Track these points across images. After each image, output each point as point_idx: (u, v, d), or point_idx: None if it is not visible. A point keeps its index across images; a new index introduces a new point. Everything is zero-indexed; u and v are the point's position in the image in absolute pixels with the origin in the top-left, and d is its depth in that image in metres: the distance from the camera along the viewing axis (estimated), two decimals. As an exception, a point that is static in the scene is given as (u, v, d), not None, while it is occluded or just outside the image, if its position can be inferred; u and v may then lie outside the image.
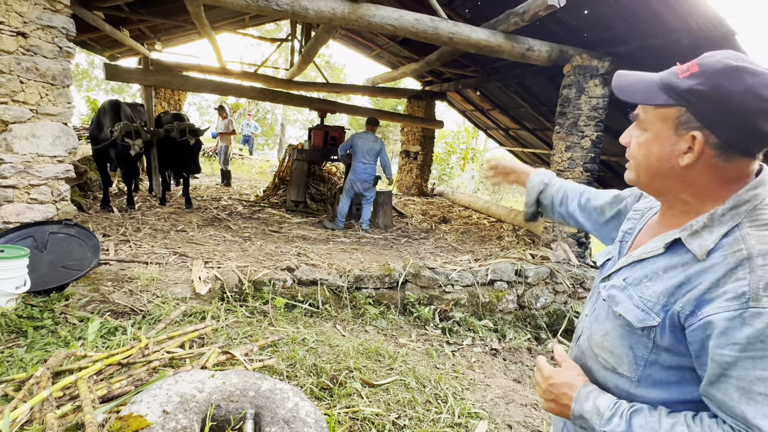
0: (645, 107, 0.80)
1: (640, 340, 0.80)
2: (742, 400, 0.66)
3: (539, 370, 0.93)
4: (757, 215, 0.72)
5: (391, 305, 3.82)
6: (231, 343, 2.65)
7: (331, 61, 20.46)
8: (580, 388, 0.85)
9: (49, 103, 3.39)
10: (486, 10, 5.69)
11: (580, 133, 4.96)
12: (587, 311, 0.99)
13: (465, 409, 2.46)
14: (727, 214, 0.73)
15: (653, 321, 0.76)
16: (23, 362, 2.15)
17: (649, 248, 0.84)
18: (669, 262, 0.79)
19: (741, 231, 0.71)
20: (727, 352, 0.66)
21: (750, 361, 0.65)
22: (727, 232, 0.72)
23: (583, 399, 0.83)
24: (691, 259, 0.75)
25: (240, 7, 3.84)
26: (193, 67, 8.58)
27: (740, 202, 0.73)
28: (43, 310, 2.70)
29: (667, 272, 0.78)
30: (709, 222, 0.74)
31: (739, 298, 0.66)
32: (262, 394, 1.69)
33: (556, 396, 0.88)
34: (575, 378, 0.88)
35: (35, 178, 3.38)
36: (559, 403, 0.87)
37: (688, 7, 3.72)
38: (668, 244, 0.80)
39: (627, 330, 0.82)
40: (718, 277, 0.69)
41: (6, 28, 3.15)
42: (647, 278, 0.81)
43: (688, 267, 0.75)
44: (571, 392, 0.86)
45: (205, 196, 7.29)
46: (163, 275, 3.32)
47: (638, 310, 0.79)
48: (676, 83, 0.74)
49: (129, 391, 1.94)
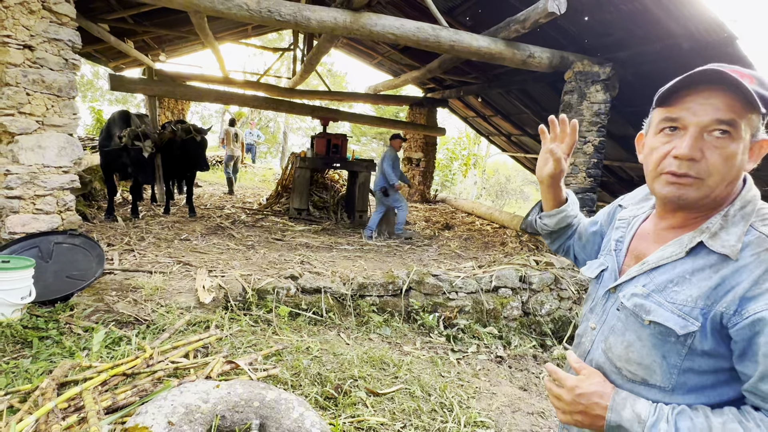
0: (743, 116, 0.73)
1: (674, 347, 0.78)
2: None
3: (559, 381, 0.85)
4: (765, 214, 0.76)
5: (395, 313, 3.81)
6: (235, 352, 2.64)
7: (333, 69, 20.61)
8: (613, 395, 0.80)
9: (55, 114, 3.43)
10: (487, 18, 5.73)
11: (583, 139, 4.96)
12: (593, 324, 0.95)
13: (471, 417, 2.44)
14: (737, 215, 0.77)
15: (694, 326, 0.75)
16: (28, 373, 2.16)
17: (667, 254, 0.83)
18: (694, 266, 0.78)
19: (759, 230, 0.74)
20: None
21: None
22: (745, 231, 0.74)
23: (620, 407, 0.77)
24: (718, 260, 0.76)
25: (243, 18, 3.89)
26: (197, 76, 8.66)
27: (745, 203, 0.78)
28: (48, 320, 2.70)
29: (695, 275, 0.78)
30: (724, 223, 0.77)
31: None
32: (267, 404, 1.69)
33: (585, 407, 0.80)
34: (604, 385, 0.82)
35: (41, 188, 3.40)
36: (590, 415, 0.80)
37: (688, 12, 3.74)
38: (690, 248, 0.80)
39: (659, 339, 0.79)
40: (758, 275, 0.70)
41: (13, 42, 3.20)
42: (673, 283, 0.80)
43: (719, 268, 0.75)
44: (604, 401, 0.79)
45: (209, 205, 7.32)
46: (167, 284, 3.33)
47: (676, 317, 0.77)
48: (762, 92, 0.73)
49: (134, 401, 1.93)
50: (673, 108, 0.79)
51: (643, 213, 0.97)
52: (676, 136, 0.78)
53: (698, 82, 0.75)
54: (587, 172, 5.00)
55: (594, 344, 0.93)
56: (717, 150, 0.74)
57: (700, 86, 0.76)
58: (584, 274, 1.06)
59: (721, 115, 0.73)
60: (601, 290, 0.96)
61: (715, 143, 0.75)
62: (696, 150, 0.75)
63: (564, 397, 0.83)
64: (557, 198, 1.15)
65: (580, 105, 4.93)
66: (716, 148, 0.75)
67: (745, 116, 0.73)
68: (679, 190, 0.78)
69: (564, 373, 0.86)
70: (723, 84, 0.73)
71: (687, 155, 0.75)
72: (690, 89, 0.77)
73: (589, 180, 5.02)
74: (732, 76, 0.71)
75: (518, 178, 19.06)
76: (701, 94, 0.75)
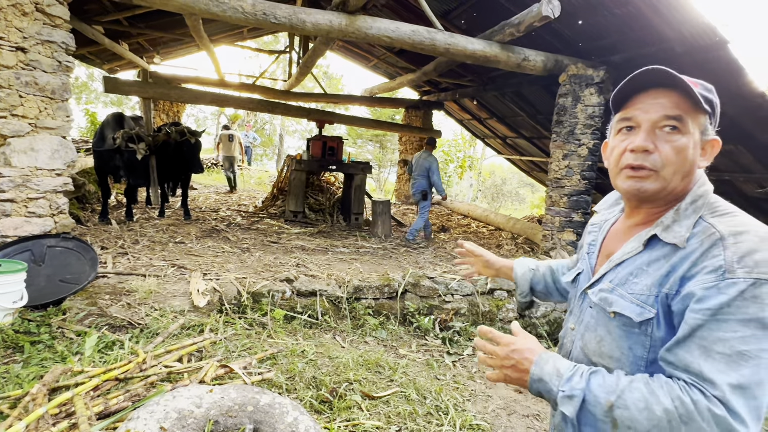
0: (689, 113, 0.82)
1: (638, 338, 0.82)
2: (702, 356, 0.72)
3: (495, 339, 0.91)
4: (714, 207, 0.83)
5: (390, 315, 3.80)
6: (230, 356, 2.62)
7: (328, 71, 20.62)
8: (541, 352, 0.87)
9: (48, 116, 3.40)
10: (482, 22, 5.76)
11: (577, 141, 4.99)
12: (572, 324, 1.01)
13: (466, 420, 2.43)
14: (689, 209, 0.84)
15: (650, 313, 0.80)
16: (19, 378, 2.13)
17: (628, 249, 0.89)
18: (650, 257, 0.85)
19: (707, 221, 0.81)
20: (699, 316, 0.73)
21: (715, 323, 0.71)
22: (694, 223, 0.82)
23: (543, 362, 0.84)
24: (670, 250, 0.82)
25: (238, 20, 3.89)
26: (192, 79, 8.64)
27: (696, 197, 0.84)
28: (40, 324, 2.68)
29: (650, 266, 0.84)
30: (676, 216, 0.84)
31: (716, 270, 0.73)
32: (261, 408, 1.67)
33: (516, 362, 0.87)
34: (537, 344, 0.89)
35: (33, 191, 3.37)
36: (518, 369, 0.86)
37: (681, 16, 3.78)
38: (646, 241, 0.86)
39: (624, 330, 0.84)
40: (697, 257, 0.77)
41: (5, 43, 3.17)
42: (632, 275, 0.86)
43: (670, 257, 0.81)
44: (532, 356, 0.86)
45: (204, 208, 7.28)
46: (162, 288, 3.30)
47: (634, 306, 0.83)
48: (706, 94, 0.83)
49: (126, 407, 1.91)
50: (627, 109, 0.88)
51: (613, 216, 1.04)
52: (632, 134, 0.87)
53: (647, 83, 0.84)
54: (581, 175, 5.02)
55: (574, 344, 0.98)
56: (668, 143, 0.82)
57: (649, 87, 0.84)
58: (562, 281, 1.12)
59: (669, 111, 0.82)
60: (577, 292, 1.02)
61: (666, 137, 0.83)
62: (649, 142, 0.83)
63: (498, 352, 0.89)
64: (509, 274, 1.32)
65: (574, 108, 4.95)
66: (667, 141, 0.83)
67: (691, 113, 0.82)
68: (637, 183, 0.85)
69: (499, 333, 0.91)
70: (669, 83, 0.82)
71: (641, 147, 0.83)
72: (640, 92, 0.86)
73: (584, 182, 5.04)
74: (676, 75, 0.79)
75: (514, 181, 19.13)
76: (650, 94, 0.84)
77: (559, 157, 5.14)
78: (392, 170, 18.22)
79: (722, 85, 4.21)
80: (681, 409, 0.70)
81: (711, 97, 0.83)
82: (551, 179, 5.28)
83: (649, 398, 0.73)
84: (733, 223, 0.77)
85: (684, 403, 0.70)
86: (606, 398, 0.76)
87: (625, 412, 0.73)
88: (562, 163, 5.10)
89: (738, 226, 0.76)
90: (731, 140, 4.98)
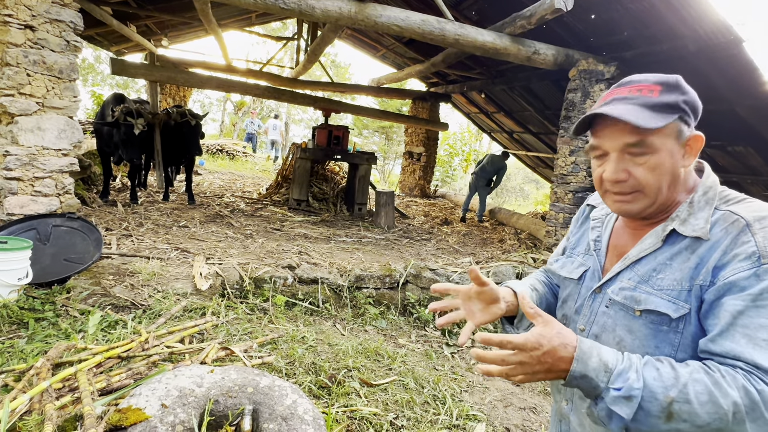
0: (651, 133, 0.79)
1: (667, 336, 0.79)
2: (749, 345, 0.69)
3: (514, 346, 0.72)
4: (726, 196, 0.83)
5: (391, 305, 3.82)
6: (231, 339, 2.65)
7: (336, 60, 20.48)
8: (578, 344, 0.73)
9: (56, 96, 3.40)
10: (492, 13, 5.69)
11: (585, 138, 4.95)
12: (582, 325, 0.94)
13: (463, 410, 2.45)
14: (701, 200, 0.83)
15: (684, 309, 0.78)
16: (24, 353, 2.16)
17: (646, 246, 0.86)
18: (672, 252, 0.83)
19: (725, 209, 0.80)
20: (740, 302, 0.71)
21: (755, 310, 0.70)
22: (711, 213, 0.81)
23: (586, 356, 0.72)
24: (692, 242, 0.80)
25: (247, 4, 3.86)
26: (199, 63, 8.60)
27: (707, 188, 0.84)
28: (45, 302, 2.71)
29: (674, 260, 0.82)
30: (691, 209, 0.83)
31: (751, 257, 0.72)
32: (261, 390, 1.69)
33: (551, 365, 0.72)
34: (567, 331, 0.74)
35: (40, 170, 3.39)
36: (555, 370, 0.72)
37: (696, 13, 3.71)
38: (665, 236, 0.84)
39: (651, 328, 0.80)
40: (726, 245, 0.75)
41: (14, 21, 3.17)
42: (656, 271, 0.83)
43: (695, 248, 0.79)
44: (569, 351, 0.72)
45: (208, 193, 7.30)
46: (165, 270, 3.33)
47: (667, 302, 0.79)
48: (668, 100, 0.80)
49: (128, 384, 1.94)
50: (594, 137, 0.86)
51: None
52: (605, 161, 0.86)
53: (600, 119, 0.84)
54: (588, 171, 4.99)
55: None
56: (639, 166, 0.81)
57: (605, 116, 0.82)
58: (562, 274, 1.03)
59: (628, 139, 0.80)
60: (585, 291, 0.96)
61: (636, 161, 0.81)
62: (620, 172, 0.82)
63: (525, 360, 0.72)
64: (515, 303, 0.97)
65: (583, 104, 4.91)
66: (638, 164, 0.81)
67: (650, 133, 0.79)
68: (624, 205, 0.85)
69: (517, 337, 0.73)
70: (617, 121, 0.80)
71: (612, 179, 0.83)
72: (599, 118, 0.84)
73: (590, 179, 5.01)
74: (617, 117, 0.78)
75: (519, 176, 19.04)
76: (608, 124, 0.83)
77: (565, 153, 5.11)
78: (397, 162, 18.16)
79: (735, 85, 4.18)
80: (746, 400, 0.66)
81: (674, 99, 0.80)
82: (557, 175, 5.25)
83: (714, 391, 0.67)
84: (754, 209, 0.77)
85: (749, 394, 0.66)
86: (665, 394, 0.68)
87: (685, 406, 0.67)
88: (569, 159, 5.06)
89: (759, 211, 0.76)
90: (741, 141, 4.93)
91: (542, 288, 1.12)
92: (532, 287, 1.08)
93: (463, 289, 0.94)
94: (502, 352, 0.73)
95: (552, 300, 1.12)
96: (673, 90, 0.81)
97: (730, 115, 4.53)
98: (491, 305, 0.93)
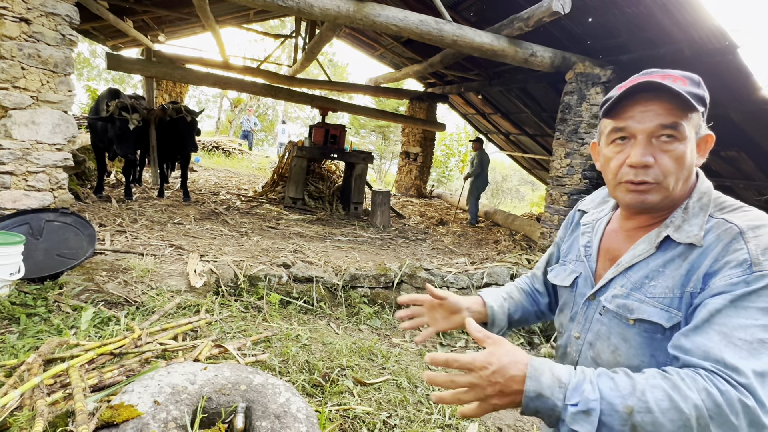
0: (684, 117, 0.77)
1: (661, 345, 0.77)
2: (722, 342, 0.67)
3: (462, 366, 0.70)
4: (721, 203, 0.81)
5: (385, 305, 3.82)
6: (224, 337, 2.64)
7: (334, 59, 20.43)
8: (528, 361, 0.69)
9: (50, 90, 3.37)
10: (491, 15, 5.71)
11: (580, 140, 4.98)
12: (577, 333, 0.93)
13: (456, 410, 2.46)
14: (696, 206, 0.81)
15: (677, 317, 0.76)
16: (15, 349, 2.14)
17: (638, 252, 0.85)
18: (665, 258, 0.81)
19: (719, 216, 0.78)
20: (721, 301, 0.70)
21: (734, 310, 0.69)
22: (706, 220, 0.79)
23: (538, 373, 0.68)
24: (685, 249, 0.79)
25: (246, 1, 3.84)
26: (196, 60, 8.55)
27: (701, 194, 0.83)
28: (37, 297, 2.69)
29: (667, 267, 0.80)
30: (685, 215, 0.81)
31: (742, 264, 0.71)
32: (254, 388, 1.69)
33: (503, 385, 0.68)
34: (517, 350, 0.71)
35: (33, 165, 3.36)
36: (508, 392, 0.68)
37: (691, 18, 3.75)
38: (659, 243, 0.83)
39: (645, 337, 0.79)
40: (718, 252, 0.74)
41: (9, 14, 3.13)
42: (648, 279, 0.82)
43: (686, 255, 0.78)
44: (521, 370, 0.68)
45: (203, 190, 7.27)
46: (159, 267, 3.31)
47: (659, 311, 0.78)
48: (696, 91, 0.78)
49: (120, 380, 1.93)
50: (619, 119, 0.82)
51: (605, 215, 0.99)
52: (627, 145, 0.82)
53: (638, 92, 0.79)
54: (583, 174, 5.02)
55: (581, 353, 0.92)
56: (667, 153, 0.79)
57: (638, 96, 0.79)
58: (556, 283, 1.02)
59: (664, 120, 0.78)
60: (579, 298, 0.95)
61: (664, 147, 0.79)
62: (648, 156, 0.79)
63: (475, 382, 0.69)
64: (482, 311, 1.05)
65: (579, 106, 4.94)
66: (665, 151, 0.79)
67: (685, 117, 0.78)
68: (640, 196, 0.81)
69: (464, 356, 0.70)
70: (661, 92, 0.77)
71: (640, 162, 0.79)
72: (629, 99, 0.80)
73: (585, 181, 5.04)
74: (668, 85, 0.76)
75: (515, 178, 19.12)
76: (641, 103, 0.79)
77: (561, 155, 5.13)
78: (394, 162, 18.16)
79: (729, 90, 4.22)
80: (708, 403, 0.63)
81: (701, 93, 0.79)
82: (552, 177, 5.28)
83: (673, 395, 0.64)
84: (749, 218, 0.76)
85: (711, 395, 0.63)
86: (624, 403, 0.64)
87: (647, 416, 0.63)
88: (564, 162, 5.09)
89: (754, 220, 0.75)
90: (734, 146, 4.97)
91: (519, 295, 1.13)
92: (509, 295, 1.11)
93: (428, 299, 1.04)
94: (451, 375, 0.71)
95: (529, 307, 1.13)
96: (697, 85, 0.80)
97: (724, 120, 4.58)
98: (452, 315, 1.04)
